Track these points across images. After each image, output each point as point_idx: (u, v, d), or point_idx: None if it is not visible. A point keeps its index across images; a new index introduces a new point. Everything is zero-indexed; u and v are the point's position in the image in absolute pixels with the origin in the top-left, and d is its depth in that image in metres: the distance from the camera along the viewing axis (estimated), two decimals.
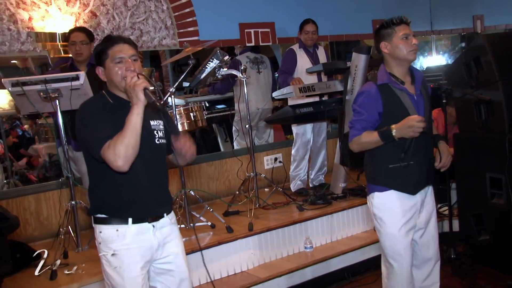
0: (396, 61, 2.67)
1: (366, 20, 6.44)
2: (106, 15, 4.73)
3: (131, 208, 2.25)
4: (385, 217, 2.74)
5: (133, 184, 2.23)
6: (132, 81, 2.12)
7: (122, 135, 2.07)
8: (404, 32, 2.63)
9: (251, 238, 3.93)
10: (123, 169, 2.09)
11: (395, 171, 2.67)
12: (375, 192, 2.76)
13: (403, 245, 2.72)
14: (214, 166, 5.27)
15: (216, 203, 4.92)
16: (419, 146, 2.64)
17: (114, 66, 2.22)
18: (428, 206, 2.80)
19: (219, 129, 6.21)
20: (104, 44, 2.26)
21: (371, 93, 2.65)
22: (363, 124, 2.65)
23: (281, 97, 4.77)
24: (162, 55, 6.07)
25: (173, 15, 5.09)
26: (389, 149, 2.64)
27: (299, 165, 5.11)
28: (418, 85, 2.72)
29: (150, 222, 2.30)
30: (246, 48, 5.73)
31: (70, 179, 3.75)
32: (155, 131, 2.32)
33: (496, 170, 3.70)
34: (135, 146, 2.09)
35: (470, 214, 4.01)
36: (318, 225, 4.30)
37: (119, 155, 2.05)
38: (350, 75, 4.47)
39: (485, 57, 3.70)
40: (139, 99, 2.10)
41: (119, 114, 2.17)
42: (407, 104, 2.64)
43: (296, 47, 5.10)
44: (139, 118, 2.10)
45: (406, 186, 2.69)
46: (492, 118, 3.75)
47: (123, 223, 2.25)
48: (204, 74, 4.43)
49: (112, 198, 2.25)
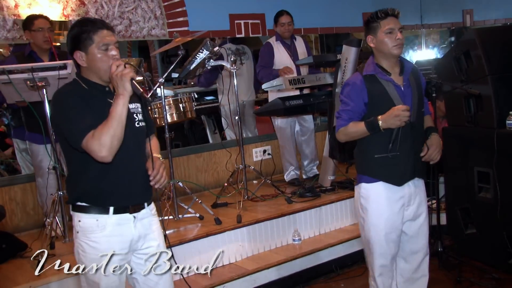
0: (382, 54, 2.68)
1: (356, 12, 6.43)
2: (95, 4, 4.67)
3: (113, 196, 2.22)
4: (370, 208, 2.74)
5: (114, 171, 2.19)
6: (119, 70, 2.08)
7: (107, 126, 2.04)
8: (389, 27, 2.62)
9: (239, 230, 3.93)
10: (107, 160, 2.07)
11: (381, 161, 2.68)
12: (362, 182, 2.77)
13: (386, 237, 2.73)
14: (202, 158, 5.26)
15: (205, 194, 4.91)
16: (406, 136, 2.65)
17: (99, 53, 2.15)
18: (419, 199, 2.79)
19: (208, 121, 6.19)
20: (86, 28, 2.16)
21: (356, 84, 2.67)
22: (350, 114, 2.66)
23: (270, 88, 4.75)
24: (151, 46, 6.03)
25: (163, 5, 5.04)
26: (375, 139, 2.65)
27: (288, 157, 5.13)
28: (406, 76, 2.72)
29: (132, 213, 2.27)
30: (224, 40, 5.68)
31: (57, 169, 3.71)
32: (134, 114, 2.28)
33: (484, 164, 3.73)
34: (120, 137, 2.07)
35: (458, 207, 4.05)
36: (306, 217, 4.30)
37: (104, 145, 2.03)
38: (340, 67, 4.47)
39: (475, 51, 3.72)
40: (126, 89, 2.07)
41: (95, 100, 2.14)
42: (392, 94, 2.65)
43: (273, 40, 5.07)
44: (125, 108, 2.08)
45: (392, 177, 2.70)
46: (481, 113, 3.77)
47: (104, 213, 2.21)
48: (194, 65, 4.41)
49: (93, 187, 2.20)
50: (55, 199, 3.75)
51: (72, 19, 4.51)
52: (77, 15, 4.48)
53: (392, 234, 2.74)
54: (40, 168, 4.02)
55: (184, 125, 6.13)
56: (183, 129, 6.16)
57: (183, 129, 6.16)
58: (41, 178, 4.03)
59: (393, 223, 2.73)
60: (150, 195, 2.39)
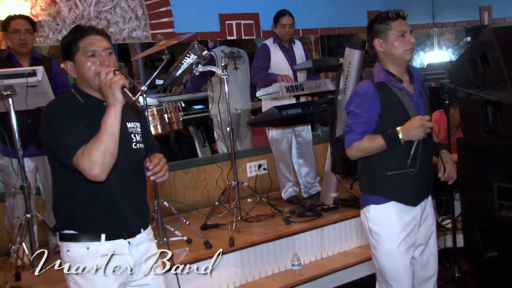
0: (392, 60, 2.68)
1: (361, 11, 6.47)
2: (68, 3, 4.68)
3: (105, 222, 2.21)
4: (382, 232, 2.72)
5: (107, 195, 2.19)
6: (108, 78, 2.07)
7: (98, 141, 2.04)
8: (401, 29, 2.63)
9: (232, 254, 3.92)
10: (100, 179, 2.06)
11: (394, 179, 2.67)
12: (371, 204, 2.75)
13: (402, 264, 2.71)
14: (191, 174, 5.25)
15: (193, 215, 4.91)
16: (422, 151, 2.65)
17: (86, 60, 2.17)
18: (428, 219, 2.80)
19: (196, 133, 6.19)
20: (74, 35, 2.20)
21: (368, 93, 2.65)
22: (363, 127, 2.63)
23: (266, 96, 4.76)
24: (132, 49, 6.04)
25: (145, 3, 5.07)
26: (387, 154, 2.64)
27: (285, 172, 5.12)
28: (417, 84, 2.73)
29: (126, 239, 2.26)
30: (220, 41, 5.69)
31: (25, 189, 3.69)
32: (132, 135, 2.29)
33: (504, 179, 3.72)
34: (113, 152, 2.06)
35: (476, 227, 4.03)
36: (307, 239, 4.30)
37: (95, 163, 2.02)
38: (343, 73, 4.48)
39: (492, 53, 3.72)
40: (116, 99, 2.06)
41: (92, 115, 2.14)
42: (407, 104, 2.65)
43: (270, 42, 5.07)
44: (117, 120, 2.07)
45: (408, 196, 2.69)
46: (500, 121, 3.77)
47: (95, 240, 2.21)
48: (180, 71, 4.41)
49: (82, 211, 2.20)
50: (22, 223, 3.72)
51: (41, 19, 4.51)
52: (47, 14, 4.50)
53: (408, 261, 2.73)
54: (8, 187, 4.01)
55: (170, 137, 6.13)
56: (168, 142, 6.16)
57: (168, 142, 6.16)
58: (12, 198, 4.01)
59: (408, 248, 2.72)
60: (147, 220, 2.39)
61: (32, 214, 3.73)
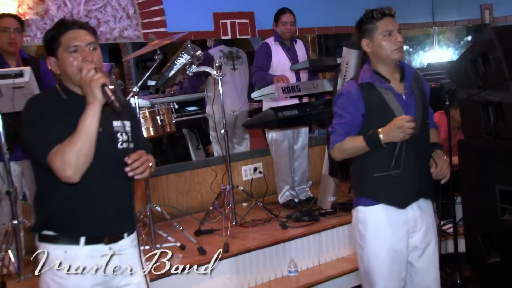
0: (380, 60, 2.70)
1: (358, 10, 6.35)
2: (56, 1, 4.65)
3: (85, 225, 2.18)
4: (370, 234, 2.73)
5: (88, 196, 2.17)
6: (88, 75, 2.05)
7: (73, 140, 2.01)
8: (387, 28, 2.63)
9: (227, 260, 3.92)
10: (73, 180, 2.04)
11: (381, 181, 2.68)
12: (360, 205, 2.77)
13: (388, 268, 2.70)
14: (184, 178, 5.24)
15: (187, 220, 4.89)
16: (409, 151, 2.64)
17: (68, 56, 2.15)
18: (426, 224, 2.77)
19: (190, 135, 6.18)
20: (56, 30, 2.19)
21: (351, 93, 2.68)
22: (345, 128, 2.67)
23: (261, 97, 4.75)
24: (123, 49, 6.02)
25: (136, 2, 5.06)
26: (374, 155, 2.65)
27: (283, 175, 5.11)
28: (408, 83, 2.72)
29: (107, 244, 2.22)
30: (219, 41, 5.69)
31: (12, 194, 3.65)
32: (118, 134, 2.26)
33: (507, 182, 3.71)
34: (88, 153, 2.03)
35: (478, 232, 4.02)
36: (304, 245, 4.29)
37: (68, 164, 2.00)
38: (341, 73, 4.48)
39: (493, 53, 3.72)
40: (96, 97, 2.04)
41: (74, 113, 2.11)
42: (392, 104, 2.65)
43: (271, 41, 5.09)
44: (95, 119, 2.04)
45: (394, 199, 2.69)
46: (501, 123, 3.77)
47: (74, 243, 2.17)
48: (173, 72, 4.41)
49: (62, 213, 2.17)
50: (8, 230, 3.69)
51: (29, 18, 4.49)
52: (35, 13, 4.48)
53: (396, 266, 2.71)
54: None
55: (163, 140, 6.12)
56: (161, 144, 6.15)
57: (161, 145, 6.15)
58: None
59: (396, 253, 2.70)
60: (132, 224, 2.35)
61: (19, 220, 3.70)
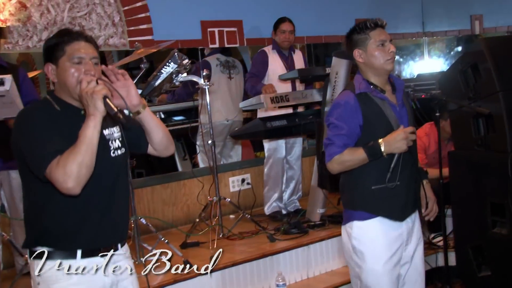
0: (372, 70, 2.71)
1: (348, 19, 6.46)
2: (39, 7, 4.62)
3: (81, 237, 2.19)
4: (367, 250, 2.72)
5: (83, 208, 2.17)
6: (90, 86, 2.06)
7: (75, 151, 2.01)
8: (380, 38, 2.66)
9: (213, 274, 3.90)
10: (74, 192, 2.04)
11: (379, 193, 2.68)
12: (355, 220, 2.75)
13: (388, 283, 2.71)
14: (170, 189, 5.22)
15: (172, 233, 4.87)
16: (406, 163, 2.67)
17: (70, 66, 2.15)
18: (415, 236, 2.80)
19: (176, 145, 6.12)
20: (61, 38, 2.19)
21: (350, 104, 2.67)
22: (344, 140, 2.65)
23: (249, 108, 4.76)
24: (108, 57, 5.99)
25: (122, 9, 5.03)
26: (372, 167, 2.65)
27: (273, 186, 5.12)
28: (399, 94, 2.76)
29: (103, 256, 2.23)
30: (215, 49, 5.71)
31: None
32: (110, 142, 2.27)
33: (498, 194, 3.74)
34: (89, 164, 2.04)
35: (469, 245, 4.04)
36: (292, 258, 4.29)
37: (70, 175, 1.99)
38: (330, 83, 4.50)
39: (483, 64, 3.76)
40: (97, 109, 2.04)
41: (69, 124, 2.12)
42: (389, 115, 2.67)
43: (269, 49, 5.13)
44: (96, 131, 2.05)
45: (393, 211, 2.70)
46: (492, 134, 3.80)
47: (70, 257, 2.18)
48: (159, 81, 4.39)
49: (57, 226, 2.17)
50: None
51: (10, 24, 4.46)
52: (16, 20, 4.44)
53: (394, 280, 2.73)
54: None
55: None
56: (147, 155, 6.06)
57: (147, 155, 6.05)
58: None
59: (393, 268, 2.72)
60: (125, 235, 2.37)
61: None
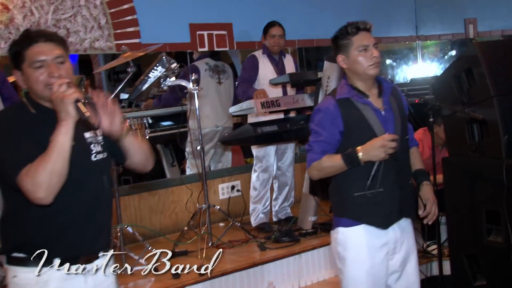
0: (356, 75, 2.72)
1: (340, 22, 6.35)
2: (22, 9, 4.60)
3: (59, 245, 2.16)
4: (350, 257, 2.73)
5: (62, 214, 2.14)
6: (60, 90, 2.03)
7: (45, 159, 1.98)
8: (363, 43, 2.66)
9: (202, 284, 3.90)
10: (46, 202, 2.01)
11: (362, 200, 2.69)
12: (339, 227, 2.77)
13: None
14: (158, 196, 5.22)
15: (160, 241, 4.87)
16: (389, 170, 2.66)
17: (33, 71, 2.12)
18: (406, 245, 2.79)
19: (164, 151, 6.15)
20: (19, 44, 2.16)
21: (329, 110, 2.69)
22: (323, 146, 2.68)
23: (239, 113, 4.76)
24: (94, 60, 5.99)
25: (108, 12, 5.03)
26: (354, 174, 2.67)
27: (260, 195, 5.11)
28: (386, 98, 2.76)
29: (83, 264, 2.20)
30: (204, 53, 5.72)
31: None
32: (91, 145, 2.24)
33: (493, 202, 3.73)
34: (62, 172, 2.01)
35: (464, 254, 4.04)
36: (283, 267, 4.29)
37: (40, 185, 1.97)
38: (322, 87, 4.51)
39: (478, 68, 3.76)
40: (69, 114, 2.01)
41: (44, 128, 2.09)
42: (372, 120, 2.68)
43: (259, 53, 5.15)
44: (68, 137, 2.02)
45: (376, 218, 2.70)
46: (487, 140, 3.80)
47: (47, 265, 2.14)
48: (147, 85, 4.41)
49: (34, 234, 2.14)
50: None
51: None
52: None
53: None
54: None
55: None
56: None
57: None
58: None
59: (376, 277, 2.72)
60: (107, 242, 2.35)
61: None
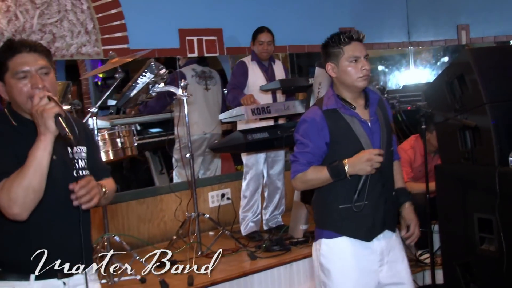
0: (344, 86, 2.73)
1: (332, 28, 6.50)
2: (6, 13, 4.57)
3: (36, 261, 2.13)
4: (334, 269, 2.72)
5: (40, 228, 2.13)
6: (41, 103, 2.01)
7: (21, 175, 1.97)
8: (354, 54, 2.66)
9: None
10: (21, 218, 2.00)
11: (346, 213, 2.70)
12: (323, 238, 2.77)
13: None
14: (146, 205, 5.20)
15: (148, 251, 4.75)
16: (375, 183, 2.68)
17: (16, 82, 2.11)
18: (393, 256, 2.79)
19: (153, 159, 6.14)
20: (3, 54, 2.15)
21: (315, 121, 2.70)
22: (308, 157, 2.69)
23: (229, 119, 4.75)
24: (81, 66, 5.97)
25: (96, 16, 5.01)
26: (340, 186, 2.68)
27: (250, 203, 5.10)
28: (373, 109, 2.77)
29: (60, 278, 2.18)
30: (191, 59, 5.72)
31: None
32: (76, 160, 2.22)
33: (485, 209, 3.75)
34: (38, 189, 1.99)
35: (456, 262, 4.05)
36: (274, 277, 4.28)
37: (15, 201, 1.96)
38: (313, 94, 4.52)
39: (470, 75, 3.79)
40: (48, 129, 2.00)
41: (25, 140, 2.08)
42: (358, 132, 2.69)
43: (248, 60, 5.15)
44: (46, 153, 2.00)
45: (359, 231, 2.71)
46: (479, 147, 3.82)
47: (23, 279, 2.12)
48: (135, 91, 4.40)
49: (10, 249, 2.13)
50: None
51: None
52: None
53: None
54: None
55: (123, 164, 6.06)
56: (121, 169, 6.10)
57: (121, 169, 6.10)
58: None
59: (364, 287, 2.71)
60: (88, 256, 2.32)
61: None
